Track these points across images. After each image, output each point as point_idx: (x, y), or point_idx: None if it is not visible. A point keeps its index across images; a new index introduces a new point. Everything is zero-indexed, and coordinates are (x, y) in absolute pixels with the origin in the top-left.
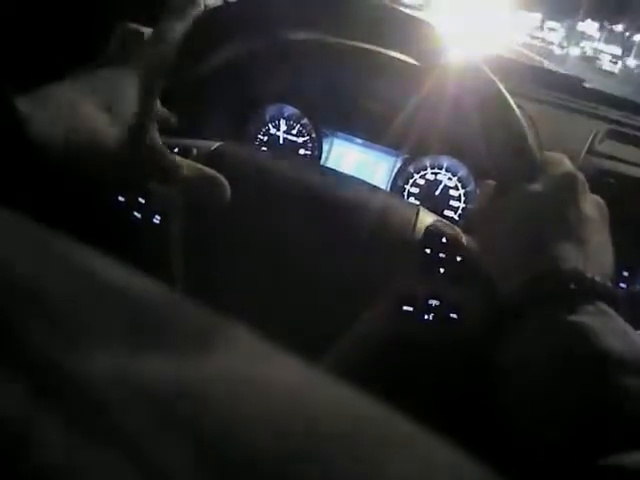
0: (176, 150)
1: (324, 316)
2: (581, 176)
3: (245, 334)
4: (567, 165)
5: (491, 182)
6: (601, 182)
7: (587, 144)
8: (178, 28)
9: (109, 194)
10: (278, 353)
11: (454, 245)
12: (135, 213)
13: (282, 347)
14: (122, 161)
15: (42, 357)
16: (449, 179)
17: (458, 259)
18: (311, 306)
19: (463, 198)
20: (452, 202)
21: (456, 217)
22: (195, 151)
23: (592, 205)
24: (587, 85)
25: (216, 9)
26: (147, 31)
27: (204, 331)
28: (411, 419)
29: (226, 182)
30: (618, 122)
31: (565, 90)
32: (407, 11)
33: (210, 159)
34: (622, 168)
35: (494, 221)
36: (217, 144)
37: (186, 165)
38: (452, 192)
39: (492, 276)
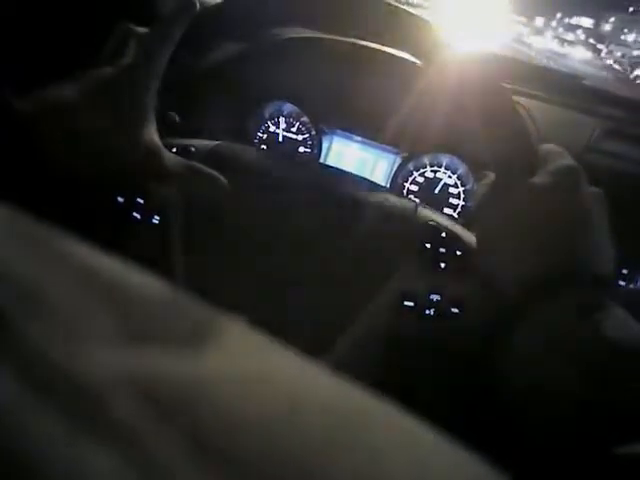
0: (175, 150)
1: (325, 312)
2: (581, 169)
3: (243, 329)
4: (567, 158)
5: (490, 174)
6: (599, 180)
7: (586, 142)
8: (176, 26)
9: (108, 194)
10: (276, 348)
11: (454, 240)
12: (134, 213)
13: (283, 342)
14: (121, 161)
15: (40, 354)
16: (449, 177)
17: (458, 254)
18: (312, 302)
19: (462, 196)
20: (451, 200)
21: (455, 215)
22: (194, 150)
23: (592, 198)
24: (587, 83)
25: (214, 7)
26: (145, 31)
27: (202, 327)
28: (411, 413)
29: (225, 181)
30: (617, 120)
31: (565, 88)
32: (409, 9)
33: (209, 158)
34: (621, 166)
35: (494, 216)
36: (216, 143)
37: (185, 165)
38: (451, 190)
39: (493, 271)
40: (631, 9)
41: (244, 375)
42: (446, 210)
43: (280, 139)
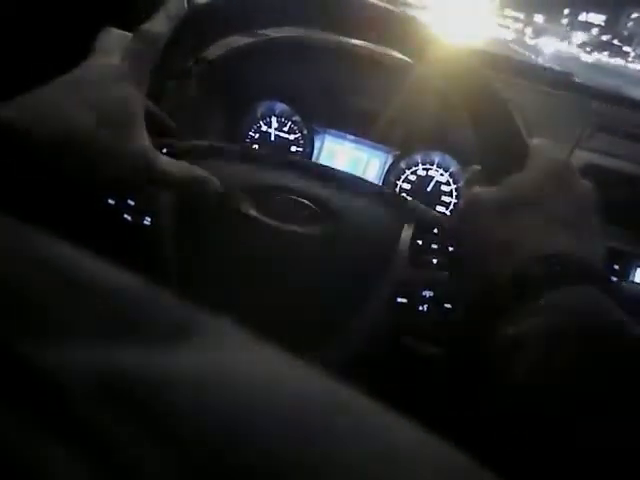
0: (165, 150)
1: (322, 312)
2: (571, 164)
3: (226, 328)
4: (556, 151)
5: (476, 168)
6: (589, 175)
7: (576, 138)
8: (165, 26)
9: (98, 196)
10: (258, 344)
11: (446, 236)
12: (125, 215)
13: (274, 341)
14: (110, 162)
15: (10, 351)
16: (441, 175)
17: (450, 249)
18: (308, 301)
19: (455, 194)
20: (444, 197)
21: (448, 212)
22: (185, 151)
23: (582, 190)
24: (577, 80)
25: (205, 6)
26: (131, 35)
27: (182, 323)
28: (408, 410)
29: (217, 181)
30: (607, 116)
31: (555, 85)
32: (399, 9)
33: (199, 159)
34: (611, 162)
35: (483, 209)
36: (207, 143)
37: (176, 166)
38: (444, 188)
39: (484, 265)
40: None
41: (216, 371)
42: (439, 208)
43: (272, 138)
